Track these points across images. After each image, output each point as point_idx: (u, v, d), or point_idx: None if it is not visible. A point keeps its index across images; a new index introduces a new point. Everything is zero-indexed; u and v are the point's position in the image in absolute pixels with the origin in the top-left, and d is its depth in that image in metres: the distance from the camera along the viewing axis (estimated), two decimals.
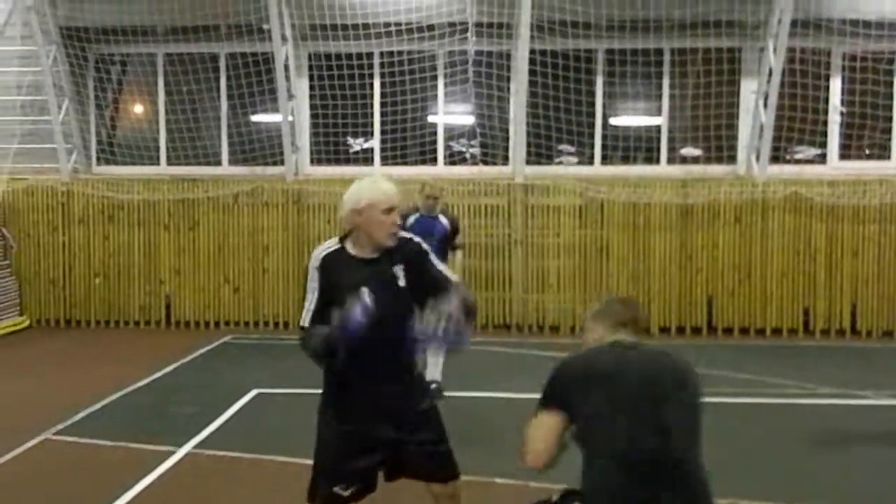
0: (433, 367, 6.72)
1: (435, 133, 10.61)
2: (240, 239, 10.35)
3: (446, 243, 6.70)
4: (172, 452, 5.39)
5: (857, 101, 9.96)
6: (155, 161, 10.85)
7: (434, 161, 10.59)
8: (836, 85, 10.09)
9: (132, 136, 11.18)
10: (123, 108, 11.37)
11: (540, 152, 10.11)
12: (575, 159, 10.53)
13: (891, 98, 10.05)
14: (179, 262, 10.43)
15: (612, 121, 10.55)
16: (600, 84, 10.33)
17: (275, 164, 10.40)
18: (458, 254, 6.88)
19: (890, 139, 10.19)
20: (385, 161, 10.57)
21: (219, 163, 10.77)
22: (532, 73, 9.81)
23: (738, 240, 9.85)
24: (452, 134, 10.63)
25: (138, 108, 11.33)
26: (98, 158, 10.97)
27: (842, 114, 10.14)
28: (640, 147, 10.52)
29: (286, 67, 9.94)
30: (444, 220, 6.76)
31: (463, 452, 5.42)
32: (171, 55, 10.67)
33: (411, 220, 6.62)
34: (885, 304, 9.76)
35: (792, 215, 9.82)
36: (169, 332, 10.27)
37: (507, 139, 10.40)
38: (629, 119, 10.71)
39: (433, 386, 6.69)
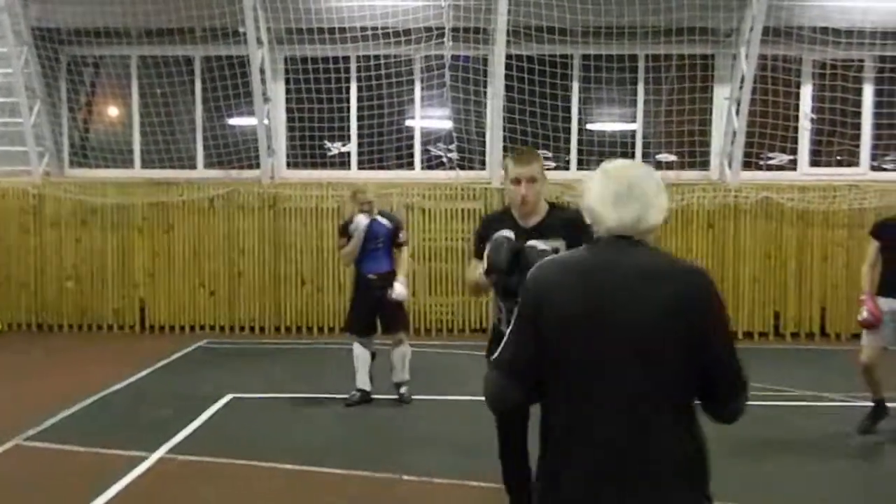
0: (400, 369, 6.73)
1: (412, 137, 10.63)
2: (215, 243, 10.30)
3: (391, 244, 6.69)
4: (144, 458, 5.34)
5: (826, 109, 10.14)
6: (129, 164, 10.76)
7: (411, 165, 10.60)
8: (806, 92, 10.26)
9: (105, 139, 11.07)
10: (96, 111, 11.25)
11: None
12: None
13: (860, 105, 10.24)
14: (154, 266, 10.34)
15: (588, 126, 10.64)
16: (576, 89, 10.41)
17: (250, 167, 10.36)
18: (404, 251, 6.84)
19: (859, 146, 10.37)
20: (362, 165, 10.57)
21: (194, 166, 10.70)
22: (508, 77, 9.87)
23: (711, 244, 9.98)
24: (429, 138, 10.65)
25: (112, 111, 11.23)
26: (70, 161, 10.85)
27: (812, 120, 10.31)
28: (615, 152, 10.59)
29: (262, 71, 9.91)
30: (384, 220, 6.70)
31: (439, 455, 5.46)
32: (145, 58, 10.60)
33: (352, 227, 6.62)
34: (854, 308, 9.88)
35: (763, 220, 9.97)
36: (143, 337, 10.18)
37: (483, 143, 10.45)
38: (604, 124, 10.81)
39: (403, 389, 6.68)
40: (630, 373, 1.98)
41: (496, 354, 2.20)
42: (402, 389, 6.72)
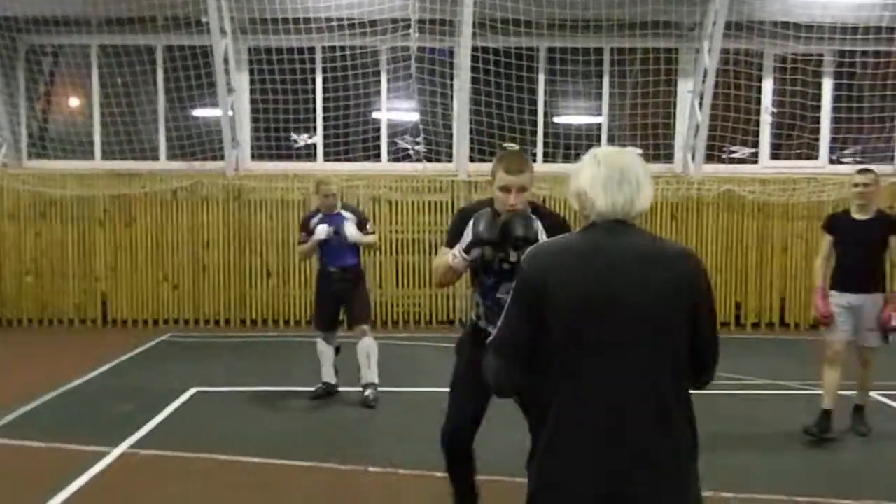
0: (366, 368, 6.55)
1: (378, 129, 10.59)
2: (179, 235, 10.17)
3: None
4: (107, 453, 5.28)
5: (787, 102, 10.31)
6: (89, 155, 10.57)
7: (378, 157, 10.57)
8: (767, 86, 10.42)
9: (65, 130, 10.85)
10: (56, 101, 11.02)
11: (483, 149, 10.18)
12: None
13: (819, 99, 10.43)
14: (116, 260, 10.19)
15: (554, 119, 10.69)
16: (542, 82, 10.45)
17: (214, 159, 10.24)
18: (372, 237, 6.75)
19: (818, 139, 10.57)
20: (328, 157, 10.51)
21: (156, 157, 10.55)
22: (475, 70, 9.88)
23: (674, 236, 10.08)
24: (396, 130, 10.62)
25: (71, 101, 11.01)
26: (29, 152, 10.63)
27: (773, 114, 10.48)
28: (581, 145, 10.67)
29: (226, 61, 9.79)
30: (347, 214, 6.55)
31: (405, 446, 5.48)
32: (105, 47, 10.40)
33: (314, 222, 6.53)
34: (812, 298, 10.12)
35: (725, 212, 10.13)
36: (105, 331, 10.02)
37: (450, 136, 10.44)
38: (570, 117, 10.87)
39: (369, 392, 6.49)
40: (638, 352, 2.08)
41: (491, 338, 2.24)
42: (368, 392, 6.46)
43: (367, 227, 6.65)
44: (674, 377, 2.11)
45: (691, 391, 2.22)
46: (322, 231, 6.41)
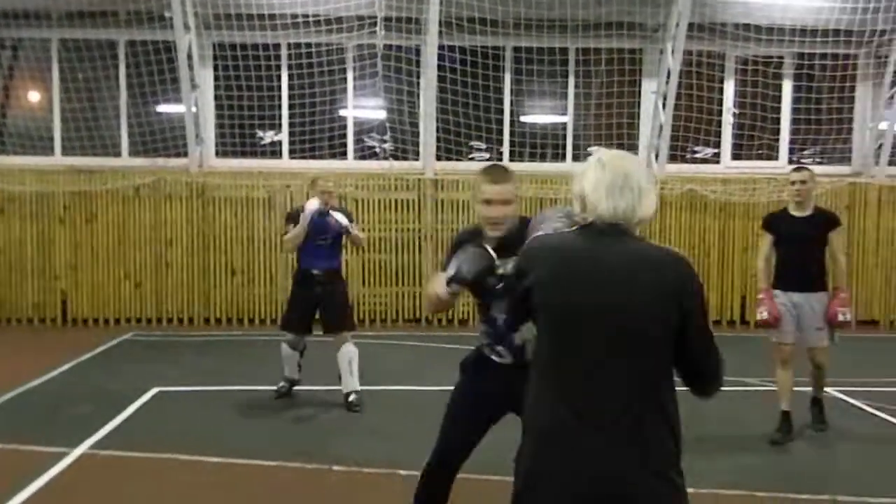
0: (348, 376, 6.41)
1: (345, 127, 10.55)
2: (141, 232, 10.03)
3: (341, 238, 6.45)
4: (66, 454, 5.20)
5: (748, 104, 10.49)
6: (49, 151, 10.37)
7: (344, 155, 10.53)
8: (729, 87, 10.59)
9: (24, 125, 10.64)
10: (15, 96, 10.80)
11: (450, 147, 10.21)
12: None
13: (779, 101, 10.63)
14: (76, 257, 10.02)
15: (521, 118, 10.75)
16: (508, 81, 10.50)
17: (178, 156, 10.12)
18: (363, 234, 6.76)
19: (778, 140, 10.77)
20: (294, 154, 10.45)
21: (118, 154, 10.39)
22: (441, 68, 9.89)
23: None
24: (363, 128, 10.59)
25: (31, 96, 10.79)
26: None
27: (734, 115, 10.65)
28: (546, 144, 10.75)
29: (189, 57, 9.68)
30: (336, 214, 6.38)
31: (369, 444, 5.48)
32: (66, 41, 10.21)
33: (303, 215, 6.40)
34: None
35: (687, 212, 10.28)
36: (65, 331, 9.86)
37: (417, 134, 10.44)
38: (537, 117, 10.94)
39: (352, 398, 6.39)
40: (632, 354, 2.11)
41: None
42: (352, 398, 6.36)
43: (352, 226, 6.54)
44: (666, 379, 2.15)
45: (702, 396, 2.27)
46: (313, 204, 6.15)
